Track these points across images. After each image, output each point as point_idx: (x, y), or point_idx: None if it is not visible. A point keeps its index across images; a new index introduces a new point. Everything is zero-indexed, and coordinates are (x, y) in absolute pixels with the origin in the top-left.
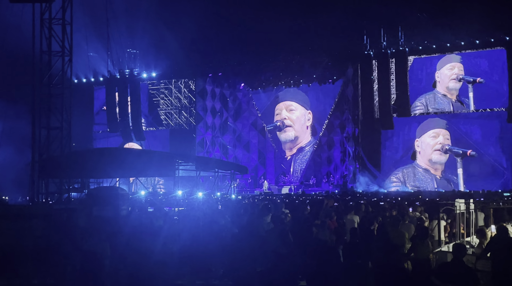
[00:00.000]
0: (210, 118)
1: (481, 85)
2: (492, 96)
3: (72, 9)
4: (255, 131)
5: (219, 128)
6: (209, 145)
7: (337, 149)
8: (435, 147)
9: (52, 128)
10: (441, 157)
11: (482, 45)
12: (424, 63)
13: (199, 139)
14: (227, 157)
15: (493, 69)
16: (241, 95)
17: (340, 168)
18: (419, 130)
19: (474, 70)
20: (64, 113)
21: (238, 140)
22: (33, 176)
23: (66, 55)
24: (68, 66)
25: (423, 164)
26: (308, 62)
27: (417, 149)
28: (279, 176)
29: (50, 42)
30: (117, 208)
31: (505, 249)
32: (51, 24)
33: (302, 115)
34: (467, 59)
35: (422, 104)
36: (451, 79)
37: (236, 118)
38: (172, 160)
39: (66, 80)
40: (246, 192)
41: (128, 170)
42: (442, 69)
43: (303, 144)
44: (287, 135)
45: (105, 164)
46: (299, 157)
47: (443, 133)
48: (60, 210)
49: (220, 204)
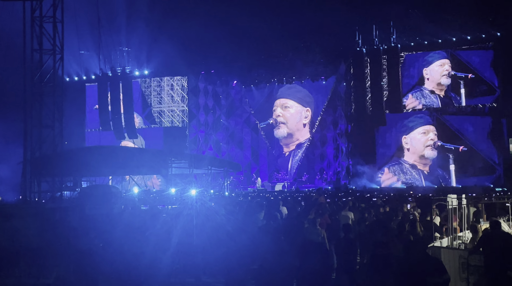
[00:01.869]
0: (203, 115)
1: (473, 81)
2: (484, 92)
3: (63, 7)
4: (248, 128)
5: (212, 125)
6: (202, 142)
7: (330, 146)
8: (427, 143)
9: (44, 126)
10: (433, 152)
11: (473, 41)
12: (416, 59)
13: (192, 136)
14: (220, 154)
15: (484, 65)
16: (234, 93)
17: (333, 165)
18: (407, 127)
19: (465, 66)
20: (56, 112)
21: (231, 138)
22: (25, 175)
23: (58, 53)
24: (59, 64)
25: (411, 160)
26: (300, 59)
27: (405, 146)
28: (273, 173)
29: (41, 40)
30: (110, 206)
31: (498, 244)
32: (42, 22)
33: (298, 112)
34: (458, 55)
35: (411, 102)
36: (442, 75)
37: (229, 115)
38: (165, 158)
39: (57, 78)
40: (240, 189)
41: (121, 168)
42: (432, 66)
43: (302, 141)
44: (279, 132)
45: (98, 163)
46: (298, 153)
47: (432, 129)
48: (53, 209)
49: (213, 202)
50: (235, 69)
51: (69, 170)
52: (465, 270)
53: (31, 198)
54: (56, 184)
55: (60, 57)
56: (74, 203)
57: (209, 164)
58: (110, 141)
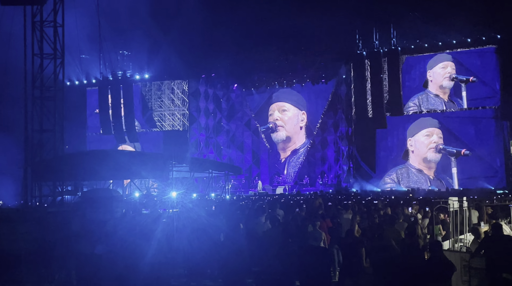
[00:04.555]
0: (203, 119)
1: (474, 84)
2: (485, 94)
3: (63, 11)
4: (248, 131)
5: (213, 129)
6: (203, 146)
7: (330, 149)
8: (430, 145)
9: (45, 130)
10: (436, 155)
11: (473, 44)
12: (417, 62)
13: (193, 140)
14: (221, 158)
15: (486, 67)
16: (235, 96)
17: (334, 168)
18: (412, 129)
19: (466, 69)
20: (56, 116)
21: (232, 141)
22: (26, 179)
23: (58, 57)
24: (60, 69)
25: (416, 164)
26: (301, 62)
27: (409, 148)
28: (273, 176)
29: (41, 44)
30: (111, 210)
31: (499, 247)
32: (42, 26)
33: (295, 115)
34: (459, 58)
35: (415, 105)
36: (444, 77)
37: (230, 118)
38: (165, 161)
39: (58, 83)
40: (240, 192)
41: (122, 172)
42: (435, 68)
43: (298, 146)
44: (278, 135)
45: (99, 167)
46: (293, 160)
47: (436, 132)
48: (54, 213)
49: (214, 206)
50: (235, 72)
51: (70, 174)
52: (466, 273)
53: (32, 203)
54: (57, 188)
55: (60, 62)
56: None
57: (210, 167)
58: (111, 145)
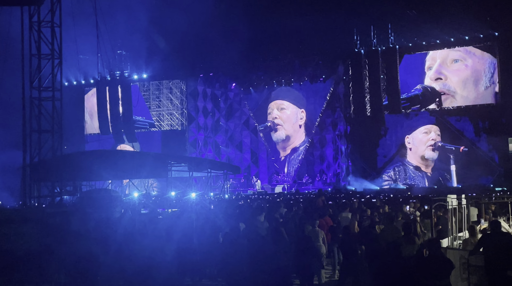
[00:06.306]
0: (202, 118)
1: (471, 82)
2: (483, 91)
3: (61, 11)
4: (247, 130)
5: (211, 128)
6: (202, 145)
7: (329, 147)
8: (428, 143)
9: (43, 131)
10: (434, 153)
11: (471, 41)
12: (415, 60)
13: (191, 139)
14: (219, 157)
15: (483, 65)
16: (233, 95)
17: (333, 166)
18: (409, 126)
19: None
20: (55, 116)
21: (230, 140)
22: (25, 179)
23: (56, 57)
24: (58, 69)
25: (414, 161)
26: (299, 61)
27: (407, 146)
28: (272, 175)
29: (39, 45)
30: (110, 210)
31: (498, 244)
32: (40, 27)
33: (294, 113)
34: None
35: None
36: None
37: (228, 118)
38: (164, 161)
39: (56, 83)
40: (239, 191)
41: (121, 172)
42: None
43: (297, 144)
44: (278, 134)
45: (97, 167)
46: (293, 158)
47: (434, 129)
48: (53, 214)
49: (212, 205)
50: (233, 71)
51: (68, 175)
52: (465, 270)
53: (31, 203)
54: (56, 188)
55: (58, 62)
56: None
57: (208, 167)
58: (109, 145)
